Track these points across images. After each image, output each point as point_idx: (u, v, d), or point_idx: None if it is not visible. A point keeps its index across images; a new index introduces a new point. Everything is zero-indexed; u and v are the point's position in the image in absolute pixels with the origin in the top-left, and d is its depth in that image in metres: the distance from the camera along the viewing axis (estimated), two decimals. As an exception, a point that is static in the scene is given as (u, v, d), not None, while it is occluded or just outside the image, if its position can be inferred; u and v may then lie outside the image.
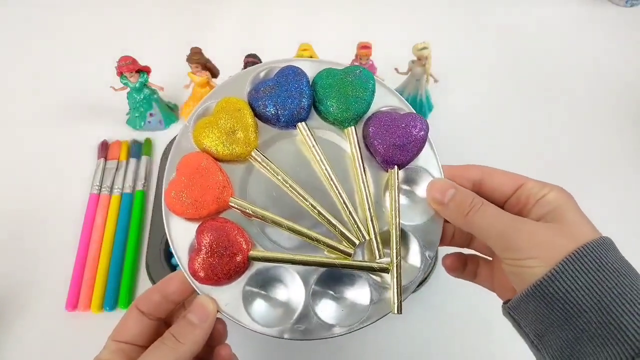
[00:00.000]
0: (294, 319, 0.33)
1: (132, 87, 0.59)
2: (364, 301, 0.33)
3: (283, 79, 0.35)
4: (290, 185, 0.34)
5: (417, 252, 0.34)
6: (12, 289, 0.53)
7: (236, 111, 0.34)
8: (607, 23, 0.78)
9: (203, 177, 0.33)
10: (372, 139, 0.35)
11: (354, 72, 0.35)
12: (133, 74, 0.57)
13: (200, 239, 0.32)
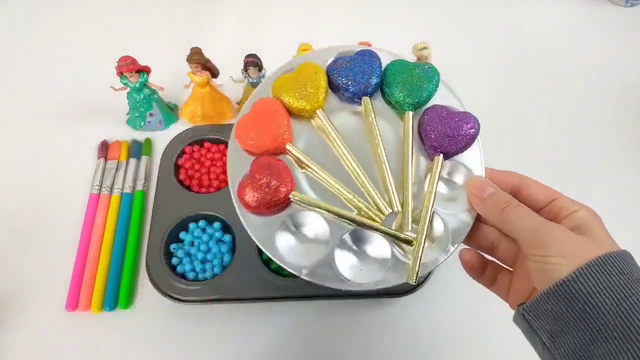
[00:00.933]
0: (314, 263, 0.36)
1: (132, 87, 0.59)
2: (382, 266, 0.36)
3: (360, 57, 0.40)
4: (342, 147, 0.38)
5: (443, 237, 0.36)
6: (12, 289, 0.53)
7: (314, 74, 0.39)
8: (607, 23, 0.78)
9: (270, 118, 0.38)
10: (427, 125, 0.38)
11: (422, 66, 0.40)
12: (133, 74, 0.57)
13: (253, 167, 0.36)
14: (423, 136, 0.39)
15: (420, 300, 0.52)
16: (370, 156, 0.38)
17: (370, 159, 0.38)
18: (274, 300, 0.51)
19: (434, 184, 0.37)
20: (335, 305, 0.52)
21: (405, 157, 0.38)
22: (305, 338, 0.51)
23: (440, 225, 0.37)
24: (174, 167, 0.59)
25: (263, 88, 0.40)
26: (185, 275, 0.52)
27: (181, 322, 0.51)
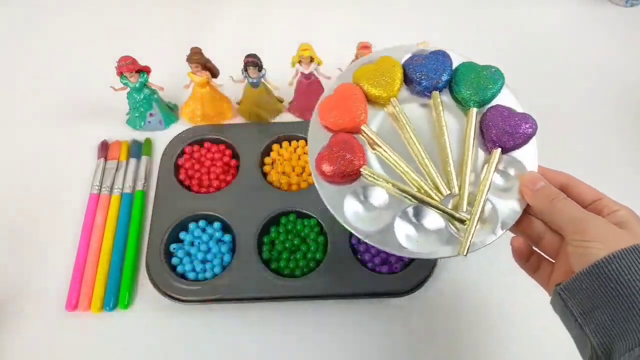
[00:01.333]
0: (376, 230, 0.40)
1: (132, 87, 0.59)
2: (436, 240, 0.40)
3: (434, 56, 0.45)
4: (410, 133, 0.42)
5: (493, 221, 0.40)
6: (13, 289, 0.53)
7: (391, 67, 0.44)
8: (607, 23, 0.78)
9: (350, 101, 0.43)
10: (489, 121, 0.42)
11: (490, 69, 0.44)
12: (133, 74, 0.57)
13: (332, 141, 0.41)
14: (484, 131, 0.42)
15: (420, 300, 0.52)
16: (433, 144, 0.43)
17: (434, 147, 0.42)
18: (273, 300, 0.51)
19: (490, 173, 0.41)
20: (335, 305, 0.52)
21: (466, 148, 0.42)
22: (305, 338, 0.51)
23: (492, 210, 0.40)
24: (174, 167, 0.59)
25: (345, 75, 0.45)
26: (185, 275, 0.52)
27: (181, 322, 0.51)
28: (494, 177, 0.41)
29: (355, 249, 0.53)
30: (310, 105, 0.63)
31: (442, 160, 0.42)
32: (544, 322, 0.52)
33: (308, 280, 0.51)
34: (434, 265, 0.52)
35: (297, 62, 0.58)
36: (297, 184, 0.58)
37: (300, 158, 0.60)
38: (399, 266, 0.52)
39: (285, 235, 0.54)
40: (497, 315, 0.53)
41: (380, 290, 0.51)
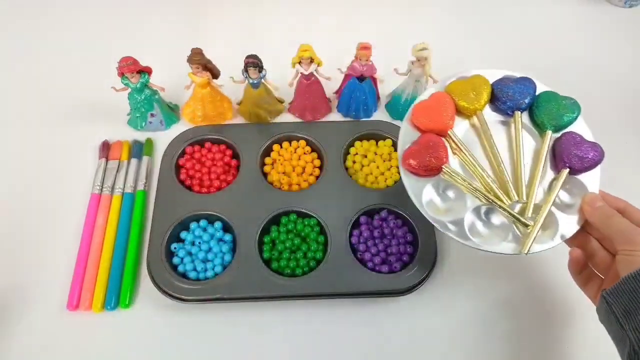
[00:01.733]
0: (449, 220, 0.46)
1: (133, 88, 0.59)
2: (501, 238, 0.46)
3: (521, 81, 0.52)
4: (489, 143, 0.49)
5: (553, 229, 0.46)
6: (14, 288, 0.53)
7: (481, 85, 0.51)
8: (605, 23, 0.78)
9: (442, 108, 0.50)
10: (562, 144, 0.48)
11: (569, 99, 0.51)
12: (134, 75, 0.58)
13: (421, 139, 0.48)
14: (556, 152, 0.49)
15: (419, 300, 0.53)
16: (506, 156, 0.49)
17: (507, 159, 0.49)
18: (274, 299, 0.51)
19: (557, 188, 0.47)
20: (336, 305, 0.52)
21: (539, 164, 0.48)
22: (305, 337, 0.51)
23: (554, 221, 0.46)
24: (175, 167, 0.59)
25: (440, 85, 0.53)
26: (186, 274, 0.52)
27: (182, 322, 0.51)
28: (559, 193, 0.47)
29: (355, 248, 0.54)
30: (310, 105, 0.64)
31: (514, 171, 0.48)
32: (543, 321, 0.52)
33: (308, 280, 0.51)
34: (433, 265, 0.53)
35: (297, 63, 0.58)
36: (298, 184, 0.59)
37: (300, 158, 0.60)
38: (399, 266, 0.52)
39: (285, 235, 0.54)
40: (497, 314, 0.53)
41: (380, 290, 0.51)
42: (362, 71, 0.60)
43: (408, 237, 0.55)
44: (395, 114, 0.66)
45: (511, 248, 0.46)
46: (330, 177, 0.58)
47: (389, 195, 0.57)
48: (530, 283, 0.54)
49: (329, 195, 0.57)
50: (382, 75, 0.62)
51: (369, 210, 0.56)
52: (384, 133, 0.62)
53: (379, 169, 0.59)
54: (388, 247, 0.53)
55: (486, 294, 0.54)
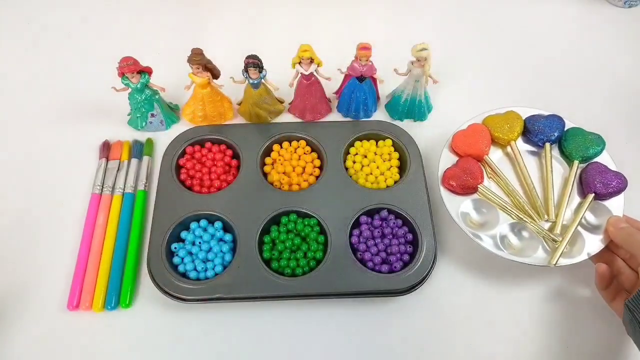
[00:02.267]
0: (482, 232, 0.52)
1: (134, 88, 0.59)
2: (531, 250, 0.51)
3: (551, 117, 0.59)
4: (522, 169, 0.56)
5: (579, 246, 0.52)
6: (14, 288, 0.53)
7: (514, 119, 0.59)
8: (605, 23, 0.78)
9: (479, 136, 0.58)
10: (588, 173, 0.55)
11: (595, 135, 0.57)
12: (134, 75, 0.58)
13: (460, 162, 0.56)
14: (583, 179, 0.55)
15: (419, 300, 0.53)
16: (537, 181, 0.56)
17: (538, 183, 0.56)
18: (274, 299, 0.51)
19: (584, 209, 0.53)
20: (336, 304, 0.52)
21: (567, 189, 0.55)
22: (305, 337, 0.51)
23: (581, 239, 0.52)
24: (175, 167, 0.59)
25: (477, 118, 0.60)
26: (186, 274, 0.52)
27: (182, 321, 0.52)
28: (586, 215, 0.53)
29: (355, 248, 0.54)
30: (310, 105, 0.64)
31: (544, 193, 0.55)
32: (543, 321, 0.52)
33: (308, 280, 0.51)
34: (433, 265, 0.53)
35: (297, 63, 0.59)
36: (298, 184, 0.59)
37: (300, 158, 0.60)
38: (399, 265, 0.52)
39: (285, 235, 0.54)
40: (497, 314, 0.53)
41: (380, 290, 0.51)
42: (362, 71, 0.60)
43: (408, 237, 0.55)
44: (395, 114, 0.66)
45: (541, 260, 0.51)
46: (331, 177, 0.58)
47: (389, 195, 0.57)
48: (530, 285, 0.54)
49: (329, 195, 0.57)
50: (381, 76, 0.62)
51: (369, 210, 0.56)
52: (384, 133, 0.62)
53: (379, 169, 0.59)
54: (388, 247, 0.53)
55: (486, 294, 0.54)
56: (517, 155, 0.57)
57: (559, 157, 0.58)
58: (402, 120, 0.66)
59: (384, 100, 0.68)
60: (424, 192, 0.57)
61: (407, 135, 0.61)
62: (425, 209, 0.55)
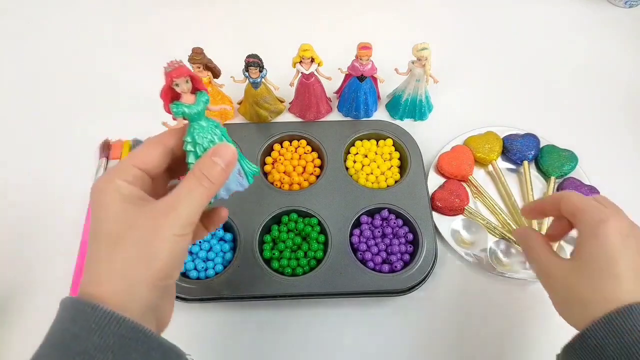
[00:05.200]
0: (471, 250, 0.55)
1: (193, 114, 0.34)
2: (520, 265, 0.54)
3: (527, 137, 0.62)
4: (504, 187, 0.60)
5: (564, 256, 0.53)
6: (14, 287, 0.53)
7: (494, 139, 0.62)
8: (605, 23, 0.78)
9: (462, 158, 0.60)
10: (565, 187, 0.59)
11: (568, 151, 0.61)
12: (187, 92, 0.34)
13: (446, 184, 0.58)
14: None
15: (419, 300, 0.53)
16: (518, 197, 0.59)
17: (519, 199, 0.59)
18: (275, 298, 0.51)
19: None
20: (336, 304, 0.52)
21: None
22: (305, 337, 0.51)
23: (562, 251, 0.55)
24: (176, 166, 0.59)
25: (459, 139, 0.63)
26: (187, 273, 0.52)
27: (183, 321, 0.51)
28: None
29: (356, 248, 0.54)
30: (311, 105, 0.64)
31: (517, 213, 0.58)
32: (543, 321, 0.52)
33: (309, 279, 0.51)
34: (434, 265, 0.53)
35: (298, 63, 0.59)
36: (298, 184, 0.59)
37: (301, 157, 0.60)
38: (400, 265, 0.52)
39: (286, 234, 0.54)
40: (497, 314, 0.53)
41: (381, 289, 0.51)
42: (362, 71, 0.60)
43: (409, 237, 0.55)
44: (395, 114, 0.66)
45: (529, 275, 0.53)
46: (331, 176, 0.58)
47: (390, 194, 0.57)
48: (531, 285, 0.55)
49: (330, 194, 0.57)
50: (382, 75, 0.62)
51: (369, 209, 0.56)
52: (384, 133, 0.62)
53: (379, 169, 0.59)
54: (389, 247, 0.53)
55: (486, 293, 0.54)
56: (499, 174, 0.60)
57: (536, 173, 0.61)
58: (402, 120, 0.66)
59: (384, 99, 0.68)
60: (425, 192, 0.57)
61: (407, 135, 0.61)
62: (426, 208, 0.55)
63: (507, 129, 0.64)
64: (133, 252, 0.29)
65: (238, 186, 0.37)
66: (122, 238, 0.29)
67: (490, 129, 0.63)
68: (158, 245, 0.29)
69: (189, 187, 0.31)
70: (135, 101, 0.67)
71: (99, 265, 0.29)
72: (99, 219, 0.30)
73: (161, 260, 0.29)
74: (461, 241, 0.56)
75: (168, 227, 0.30)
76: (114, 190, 0.30)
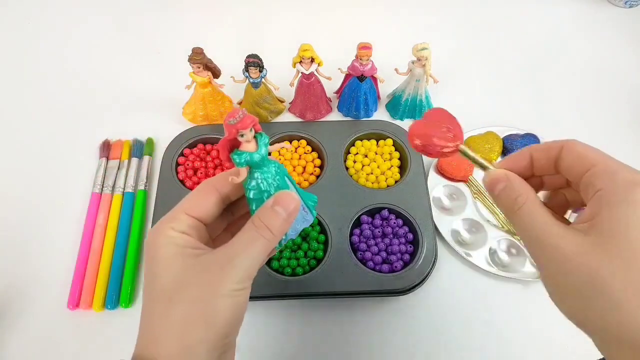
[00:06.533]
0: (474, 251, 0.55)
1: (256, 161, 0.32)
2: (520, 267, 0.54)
3: (527, 136, 0.62)
4: None
5: None
6: (15, 287, 0.53)
7: (493, 139, 0.62)
8: (606, 23, 0.78)
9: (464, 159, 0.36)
10: None
11: None
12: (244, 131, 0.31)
13: (428, 113, 0.34)
14: None
15: (418, 300, 0.53)
16: None
17: None
18: (275, 298, 0.51)
19: None
20: (336, 304, 0.52)
21: None
22: (305, 337, 0.51)
23: None
24: (176, 166, 0.59)
25: None
26: (186, 274, 0.52)
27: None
28: None
29: (356, 248, 0.54)
30: (311, 105, 0.63)
31: None
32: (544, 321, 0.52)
33: (309, 279, 0.51)
34: (434, 265, 0.53)
35: (298, 63, 0.59)
36: (298, 183, 0.59)
37: (301, 157, 0.60)
38: (400, 265, 0.52)
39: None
40: (497, 314, 0.53)
41: (381, 289, 0.51)
42: (362, 71, 0.60)
43: (409, 237, 0.55)
44: (395, 114, 0.66)
45: (531, 275, 0.53)
46: (331, 176, 0.58)
47: (390, 194, 0.57)
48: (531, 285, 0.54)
49: (330, 194, 0.57)
50: (382, 75, 0.62)
51: (369, 209, 0.56)
52: (384, 133, 0.62)
53: (379, 169, 0.59)
54: (389, 247, 0.53)
55: (487, 293, 0.54)
56: None
57: None
58: (402, 120, 0.66)
59: (384, 99, 0.68)
60: (425, 192, 0.57)
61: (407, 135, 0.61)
62: (426, 208, 0.55)
63: (507, 129, 0.63)
64: (190, 310, 0.27)
65: (304, 223, 0.35)
66: (177, 295, 0.27)
67: (490, 129, 0.63)
68: (216, 303, 0.27)
69: (248, 238, 0.29)
70: (135, 101, 0.67)
71: (153, 324, 0.28)
72: (153, 274, 0.28)
73: (221, 319, 0.27)
74: (461, 241, 0.56)
75: (226, 282, 0.28)
76: (167, 242, 0.29)
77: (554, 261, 0.26)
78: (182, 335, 0.27)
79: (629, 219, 0.24)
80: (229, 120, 0.30)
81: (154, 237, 0.29)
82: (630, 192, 0.24)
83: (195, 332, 0.27)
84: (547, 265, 0.26)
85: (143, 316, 0.29)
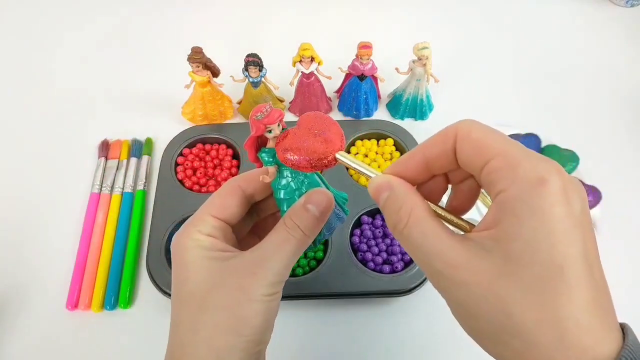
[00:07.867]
0: None
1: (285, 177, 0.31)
2: None
3: (529, 137, 0.61)
4: None
5: None
6: (13, 288, 0.53)
7: None
8: (607, 23, 0.78)
9: None
10: None
11: (569, 151, 0.59)
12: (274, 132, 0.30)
13: (301, 120, 0.30)
14: None
15: (419, 300, 0.52)
16: None
17: None
18: (274, 299, 0.51)
19: None
20: (337, 305, 0.52)
21: None
22: (305, 337, 0.51)
23: None
24: (175, 166, 0.59)
25: None
26: (185, 274, 0.52)
27: (182, 322, 0.51)
28: None
29: (356, 248, 0.53)
30: (311, 104, 0.63)
31: None
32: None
33: (309, 280, 0.51)
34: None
35: (298, 62, 0.58)
36: (298, 184, 0.58)
37: (301, 157, 0.60)
38: (401, 266, 0.52)
39: (286, 235, 0.54)
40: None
41: (381, 290, 0.51)
42: (362, 70, 0.59)
43: (409, 237, 0.54)
44: (396, 113, 0.66)
45: None
46: (331, 176, 0.58)
47: (390, 194, 0.56)
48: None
49: (330, 194, 0.56)
50: (382, 75, 0.61)
51: (370, 209, 0.55)
52: (385, 132, 0.61)
53: (380, 169, 0.59)
54: (389, 247, 0.53)
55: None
56: None
57: None
58: (403, 120, 0.66)
59: (385, 99, 0.67)
60: (426, 192, 0.56)
61: (408, 135, 0.61)
62: (427, 208, 0.55)
63: (508, 129, 0.63)
64: (220, 317, 0.26)
65: (337, 221, 0.33)
66: (206, 301, 0.27)
67: None
68: (247, 309, 0.26)
69: (280, 239, 0.28)
70: (134, 101, 0.67)
71: (183, 330, 0.27)
72: (180, 278, 0.28)
73: (252, 325, 0.26)
74: None
75: (258, 286, 0.26)
76: (194, 246, 0.28)
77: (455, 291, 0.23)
78: (212, 343, 0.26)
79: (537, 235, 0.20)
80: (255, 116, 0.28)
81: (180, 241, 0.28)
82: (534, 195, 0.20)
83: (225, 340, 0.26)
84: (448, 296, 0.24)
85: (172, 322, 0.28)
